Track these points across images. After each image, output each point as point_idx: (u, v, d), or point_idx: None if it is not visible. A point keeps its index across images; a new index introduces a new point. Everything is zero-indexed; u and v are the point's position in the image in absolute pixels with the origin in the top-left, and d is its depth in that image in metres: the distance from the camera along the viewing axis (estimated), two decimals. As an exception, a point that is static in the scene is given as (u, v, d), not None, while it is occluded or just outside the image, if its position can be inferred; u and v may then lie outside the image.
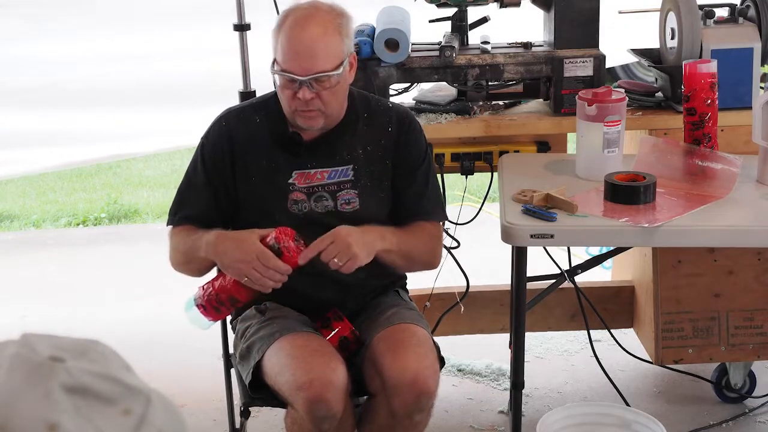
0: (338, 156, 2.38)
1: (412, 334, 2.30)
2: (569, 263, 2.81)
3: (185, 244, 2.34)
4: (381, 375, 2.22)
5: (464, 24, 3.02)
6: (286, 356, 2.24)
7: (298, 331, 2.30)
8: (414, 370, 2.19)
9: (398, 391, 2.19)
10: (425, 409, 2.24)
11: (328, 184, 2.37)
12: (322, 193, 2.37)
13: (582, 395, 3.25)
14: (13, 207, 5.66)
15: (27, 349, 0.80)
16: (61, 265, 4.63)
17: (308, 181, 2.36)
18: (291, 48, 2.23)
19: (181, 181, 2.45)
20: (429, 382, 2.21)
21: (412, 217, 2.41)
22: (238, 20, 3.06)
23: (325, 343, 2.28)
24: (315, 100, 2.25)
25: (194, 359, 3.52)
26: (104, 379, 0.80)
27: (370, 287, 2.46)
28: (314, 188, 2.37)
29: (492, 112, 3.00)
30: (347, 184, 2.37)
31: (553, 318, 3.28)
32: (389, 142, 2.41)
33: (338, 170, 2.36)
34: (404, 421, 2.24)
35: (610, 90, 2.60)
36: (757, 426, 3.05)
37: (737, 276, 2.98)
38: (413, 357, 2.23)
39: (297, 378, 2.17)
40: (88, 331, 3.91)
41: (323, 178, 2.37)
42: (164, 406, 0.84)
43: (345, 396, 2.18)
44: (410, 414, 2.22)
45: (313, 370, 2.16)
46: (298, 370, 2.18)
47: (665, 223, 2.30)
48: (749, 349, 3.01)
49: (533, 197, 2.41)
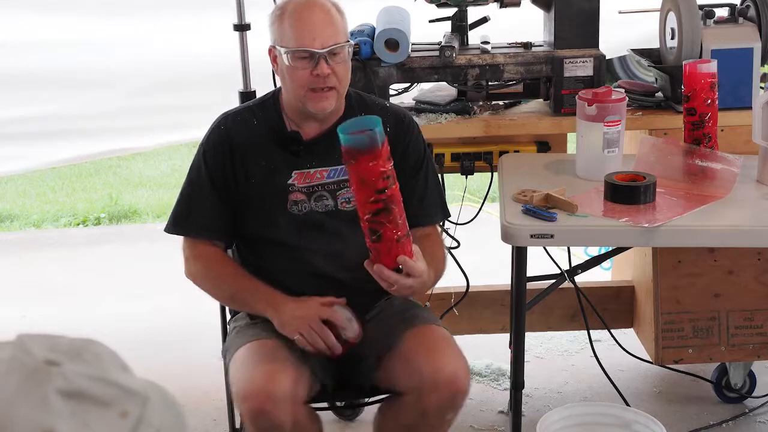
0: (337, 154, 2.36)
1: (441, 335, 2.31)
2: (569, 263, 2.80)
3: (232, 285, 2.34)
4: (417, 372, 2.21)
5: (464, 24, 3.02)
6: (240, 365, 2.23)
7: (261, 338, 2.27)
8: (452, 369, 2.20)
9: (436, 388, 2.19)
10: (458, 408, 2.25)
11: (328, 183, 2.36)
12: (322, 192, 2.36)
13: (582, 395, 3.25)
14: (13, 207, 5.66)
15: (22, 352, 0.80)
16: (61, 265, 4.63)
17: (308, 181, 2.36)
18: (303, 26, 2.26)
19: (183, 187, 2.42)
20: (465, 381, 2.23)
21: (414, 223, 2.41)
22: (238, 20, 3.06)
23: (278, 351, 2.23)
24: (331, 75, 2.26)
25: (194, 359, 3.52)
26: (100, 382, 0.80)
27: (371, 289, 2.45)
28: (314, 188, 2.36)
29: (492, 112, 3.00)
30: (347, 183, 2.36)
31: (553, 318, 3.28)
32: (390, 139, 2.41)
33: (338, 169, 2.35)
34: (434, 420, 2.23)
35: (610, 90, 2.60)
36: (757, 426, 3.05)
37: (737, 276, 2.97)
38: (451, 356, 2.24)
39: (240, 389, 2.17)
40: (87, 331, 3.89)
41: (323, 177, 2.36)
42: (163, 402, 0.84)
43: (294, 405, 2.14)
44: (443, 412, 2.22)
45: (255, 382, 2.14)
46: (243, 381, 2.17)
47: (665, 223, 2.30)
48: (749, 349, 3.01)
49: (533, 197, 2.40)
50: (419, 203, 2.40)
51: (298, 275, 2.33)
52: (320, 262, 2.34)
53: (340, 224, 2.34)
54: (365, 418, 3.10)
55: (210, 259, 2.37)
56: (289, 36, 2.27)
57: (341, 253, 2.35)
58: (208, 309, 2.69)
